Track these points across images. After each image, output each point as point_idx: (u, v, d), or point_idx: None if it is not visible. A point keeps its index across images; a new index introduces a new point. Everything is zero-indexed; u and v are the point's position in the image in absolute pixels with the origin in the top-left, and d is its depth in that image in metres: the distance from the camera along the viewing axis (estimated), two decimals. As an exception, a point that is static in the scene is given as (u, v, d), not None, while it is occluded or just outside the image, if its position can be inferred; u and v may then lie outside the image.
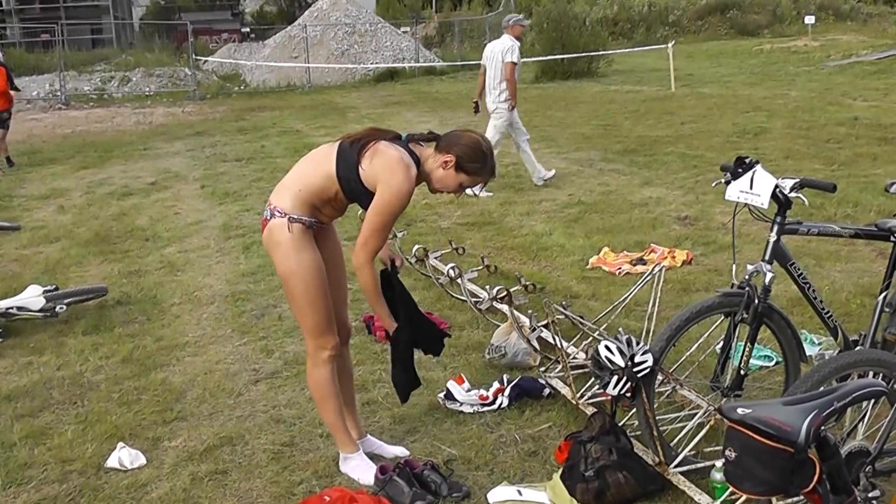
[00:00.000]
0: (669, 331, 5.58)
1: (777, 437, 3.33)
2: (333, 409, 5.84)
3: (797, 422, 3.33)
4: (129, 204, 15.23)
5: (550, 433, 6.31)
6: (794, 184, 5.56)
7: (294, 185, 5.52)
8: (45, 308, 8.89)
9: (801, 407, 3.40)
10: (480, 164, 5.47)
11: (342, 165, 5.38)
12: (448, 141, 5.49)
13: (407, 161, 5.34)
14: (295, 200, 5.46)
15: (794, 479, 3.38)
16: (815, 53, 37.48)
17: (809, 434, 3.31)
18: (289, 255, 5.47)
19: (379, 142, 5.41)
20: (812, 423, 3.33)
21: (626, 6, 57.79)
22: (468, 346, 7.99)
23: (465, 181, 5.51)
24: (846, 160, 15.50)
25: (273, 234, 5.50)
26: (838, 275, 9.47)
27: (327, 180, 5.43)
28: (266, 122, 27.06)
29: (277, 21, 73.98)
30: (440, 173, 5.47)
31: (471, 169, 5.45)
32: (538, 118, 24.25)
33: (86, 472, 6.07)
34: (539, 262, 10.64)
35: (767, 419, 3.35)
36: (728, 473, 3.55)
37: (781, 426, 3.33)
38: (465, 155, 5.42)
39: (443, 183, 5.52)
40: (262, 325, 8.84)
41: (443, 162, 5.44)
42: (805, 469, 3.38)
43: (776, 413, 3.38)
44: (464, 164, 5.42)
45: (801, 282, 5.88)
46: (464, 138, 5.49)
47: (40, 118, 30.67)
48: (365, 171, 5.32)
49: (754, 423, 3.37)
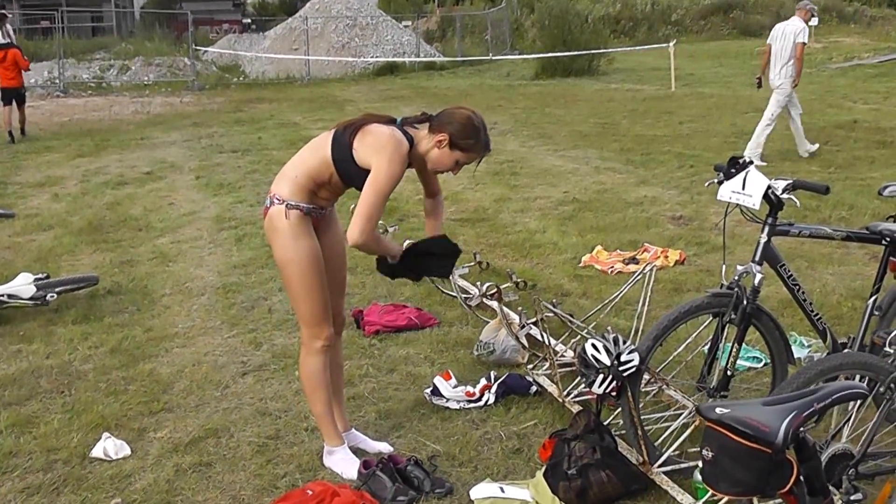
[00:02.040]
0: (657, 330, 5.57)
1: (755, 437, 3.31)
2: (322, 400, 5.84)
3: (776, 422, 3.31)
4: (123, 193, 15.20)
5: (536, 431, 6.30)
6: (786, 185, 5.56)
7: (291, 171, 5.59)
8: (35, 296, 8.86)
9: (780, 408, 3.38)
10: (474, 140, 5.50)
11: (336, 148, 5.43)
12: (440, 120, 5.52)
13: (398, 137, 5.39)
14: (292, 187, 5.51)
15: (771, 479, 3.36)
16: (818, 55, 37.39)
17: (788, 435, 3.30)
18: (286, 241, 5.51)
19: (371, 123, 5.47)
20: (791, 424, 3.31)
21: (628, 4, 57.62)
22: (457, 342, 7.99)
23: (461, 158, 5.54)
24: (843, 163, 15.51)
25: (272, 221, 5.55)
26: (830, 277, 9.47)
27: (323, 164, 5.48)
28: (264, 113, 27.03)
29: (279, 12, 73.76)
30: (435, 153, 5.52)
31: (465, 145, 5.49)
32: (536, 115, 24.29)
33: (70, 461, 6.06)
34: (532, 259, 10.63)
35: (745, 419, 3.34)
36: (704, 473, 3.53)
37: (759, 426, 3.31)
38: (458, 132, 5.45)
39: (439, 162, 5.55)
40: (252, 317, 8.83)
41: (437, 141, 5.48)
42: (782, 470, 3.37)
43: (755, 413, 3.36)
44: (457, 140, 5.46)
45: (790, 283, 5.87)
46: (456, 115, 5.52)
47: (38, 105, 30.56)
48: (358, 151, 5.37)
49: (732, 422, 3.36)
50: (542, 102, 27.44)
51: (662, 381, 6.06)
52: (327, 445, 5.94)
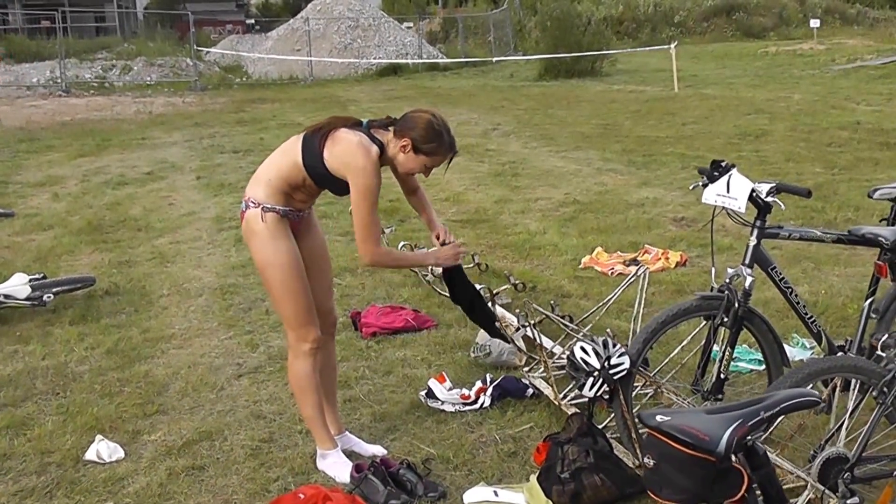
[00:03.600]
0: (645, 333, 5.57)
1: (694, 445, 3.29)
2: (312, 403, 5.83)
3: (717, 431, 3.28)
4: (123, 193, 15.18)
5: (531, 434, 6.27)
6: (770, 188, 5.54)
7: (265, 174, 5.60)
8: (31, 297, 8.84)
9: (724, 416, 3.35)
10: (437, 143, 5.51)
11: (307, 155, 5.44)
12: (402, 125, 5.53)
13: (366, 144, 5.41)
14: (267, 190, 5.52)
15: (717, 488, 3.33)
16: (821, 57, 37.38)
17: (731, 444, 3.27)
18: (265, 244, 5.51)
19: (339, 129, 5.48)
20: (735, 433, 3.28)
21: (631, 6, 57.64)
22: (454, 345, 7.95)
23: (427, 162, 5.56)
24: (847, 164, 15.44)
25: (249, 224, 5.56)
26: (836, 279, 9.42)
27: (294, 168, 5.49)
28: (266, 114, 27.00)
29: (283, 13, 73.85)
30: (401, 158, 5.53)
31: (428, 149, 5.50)
32: (539, 116, 24.25)
33: (64, 464, 6.04)
34: (531, 260, 10.59)
35: (684, 427, 3.31)
36: (647, 480, 3.52)
37: (699, 435, 3.28)
38: (420, 137, 5.46)
39: (406, 166, 5.57)
40: (249, 318, 8.81)
41: (401, 146, 5.49)
42: (730, 478, 3.34)
43: (695, 422, 3.34)
44: (420, 145, 5.47)
45: (782, 286, 5.86)
46: (416, 120, 5.52)
47: (40, 105, 30.59)
48: (329, 161, 5.40)
49: (671, 430, 3.34)
50: (545, 103, 27.40)
51: (655, 384, 6.04)
52: (320, 449, 5.92)
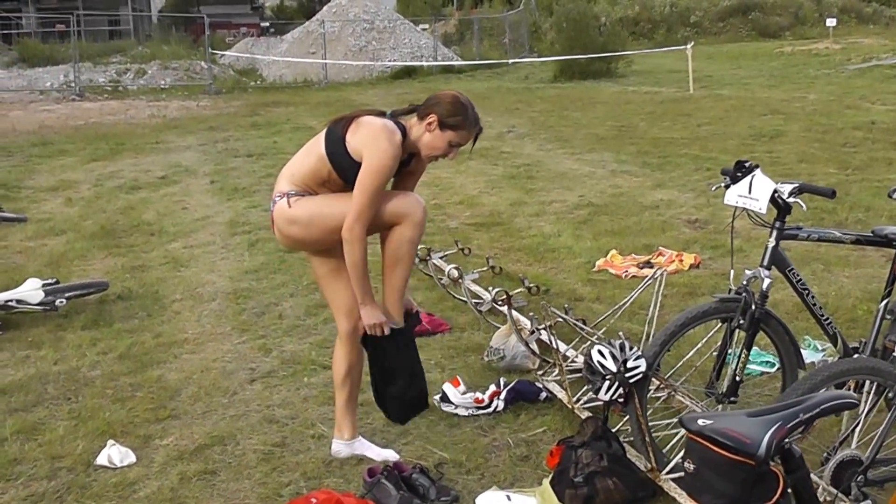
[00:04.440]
0: (664, 336, 5.52)
1: (736, 449, 3.25)
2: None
3: (758, 434, 3.25)
4: (137, 198, 15.18)
5: (545, 438, 6.24)
6: (792, 189, 5.49)
7: (288, 171, 5.67)
8: (44, 302, 8.83)
9: (763, 419, 3.32)
10: (462, 116, 5.50)
11: (330, 142, 5.48)
12: (426, 105, 5.56)
13: (391, 128, 5.43)
14: (291, 183, 5.59)
15: (756, 492, 3.30)
16: (836, 56, 37.27)
17: (771, 447, 3.23)
18: (307, 223, 5.56)
19: (363, 116, 5.50)
20: (774, 436, 3.25)
21: (647, 6, 57.59)
22: (468, 348, 7.93)
23: (453, 138, 5.52)
24: (861, 164, 15.37)
25: (282, 215, 5.60)
26: (846, 280, 9.37)
27: (318, 161, 5.51)
28: (280, 117, 26.99)
29: (297, 16, 73.98)
30: (427, 137, 5.52)
31: (453, 123, 5.49)
32: (554, 118, 24.21)
33: (75, 469, 6.02)
34: (545, 263, 10.56)
35: (726, 431, 3.28)
36: (687, 485, 3.49)
37: (741, 438, 3.25)
38: (445, 111, 5.47)
39: (432, 145, 5.54)
40: (262, 323, 8.78)
41: (427, 125, 5.49)
42: (767, 482, 3.30)
43: (736, 425, 3.31)
44: (445, 119, 5.47)
45: (799, 288, 5.81)
46: (441, 96, 5.57)
47: (53, 109, 30.64)
48: (350, 144, 5.41)
49: (713, 434, 3.30)
50: (560, 105, 27.35)
51: (670, 388, 6.00)
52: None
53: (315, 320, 8.71)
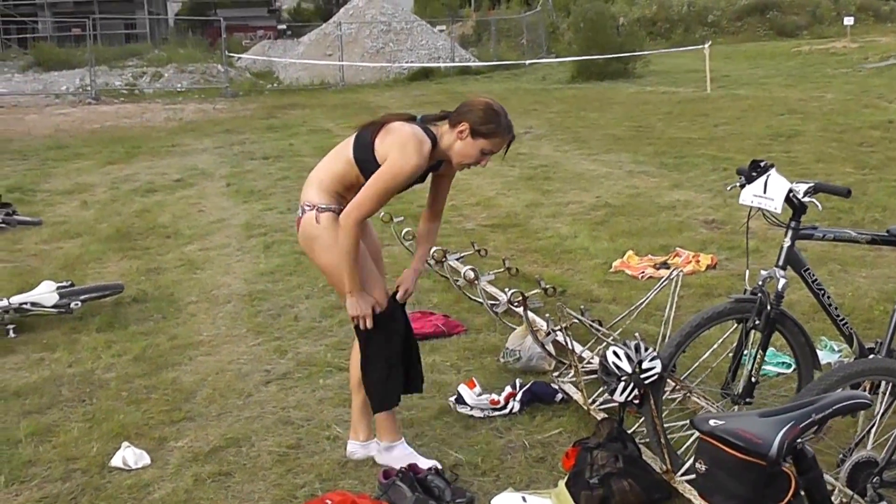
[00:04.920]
0: (679, 337, 5.50)
1: (747, 449, 3.22)
2: None
3: (770, 434, 3.22)
4: (152, 201, 15.20)
5: (560, 439, 6.22)
6: (807, 188, 5.46)
7: (316, 176, 5.63)
8: (58, 304, 8.85)
9: (775, 419, 3.29)
10: (495, 124, 5.43)
11: (358, 148, 5.45)
12: (458, 112, 5.48)
13: (420, 136, 5.38)
14: (320, 191, 5.54)
15: (768, 492, 3.27)
16: (854, 55, 37.11)
17: (782, 447, 3.20)
18: (328, 248, 5.51)
19: (394, 122, 5.46)
20: (786, 437, 3.22)
21: (665, 6, 57.45)
22: (483, 350, 7.91)
23: (485, 146, 5.46)
24: (878, 164, 15.30)
25: (306, 229, 5.57)
26: (863, 280, 9.32)
27: (346, 165, 5.50)
28: (296, 120, 27.02)
29: (314, 18, 73.96)
30: (459, 145, 5.45)
31: (486, 131, 5.42)
32: (571, 119, 24.19)
33: (89, 471, 6.02)
34: (562, 265, 10.53)
35: (738, 432, 3.25)
36: (699, 486, 3.46)
37: (752, 439, 3.22)
38: (478, 118, 5.40)
39: (464, 153, 5.48)
40: (278, 325, 8.78)
41: (458, 133, 5.43)
42: (779, 482, 3.27)
43: (748, 425, 3.28)
44: (478, 127, 5.40)
45: (815, 288, 5.77)
46: (473, 104, 5.50)
47: (68, 113, 30.76)
48: (379, 151, 5.37)
49: (724, 435, 3.27)
50: (577, 106, 27.33)
51: (686, 389, 5.97)
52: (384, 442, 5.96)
53: (330, 322, 8.70)
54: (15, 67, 46.05)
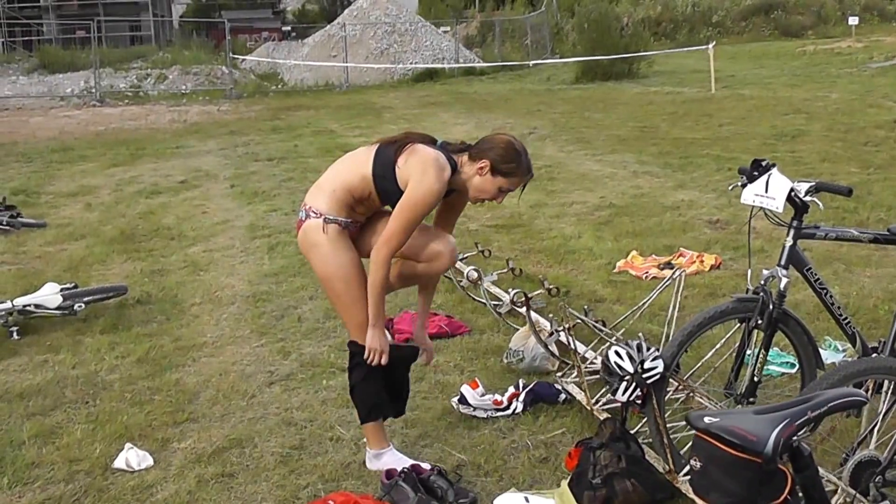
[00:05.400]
0: (681, 337, 5.49)
1: (743, 447, 3.21)
2: None
3: (765, 432, 3.20)
4: (157, 202, 15.21)
5: (564, 439, 6.21)
6: (809, 187, 5.45)
7: (329, 185, 5.55)
8: (62, 306, 8.85)
9: (771, 416, 3.27)
10: (516, 164, 5.43)
11: (378, 164, 5.41)
12: (480, 147, 5.47)
13: (442, 162, 5.35)
14: (330, 201, 5.49)
15: (764, 490, 3.25)
16: (859, 55, 37.08)
17: (778, 445, 3.18)
18: (327, 257, 5.49)
19: (417, 143, 5.44)
20: (781, 434, 3.20)
21: (669, 6, 57.45)
22: (487, 350, 7.90)
23: (504, 184, 5.46)
24: (883, 163, 15.28)
25: (308, 235, 5.53)
26: (868, 280, 9.30)
27: (363, 181, 5.45)
28: (301, 121, 27.03)
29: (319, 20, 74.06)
30: (477, 180, 5.45)
31: (506, 170, 5.41)
32: (576, 119, 24.17)
33: (92, 472, 6.02)
34: (566, 265, 10.52)
35: (733, 429, 3.23)
36: (694, 483, 3.44)
37: (747, 436, 3.20)
38: (500, 157, 5.39)
39: (481, 189, 5.48)
40: (282, 326, 8.78)
41: (478, 169, 5.42)
42: (775, 480, 3.25)
43: (743, 422, 3.26)
44: (498, 165, 5.39)
45: (817, 287, 5.76)
46: (496, 141, 5.49)
47: (73, 115, 30.81)
48: (400, 170, 5.34)
49: (720, 432, 3.25)
50: (582, 107, 27.31)
51: (689, 388, 5.96)
52: (373, 450, 5.90)
53: (334, 323, 8.69)
54: (20, 70, 46.20)
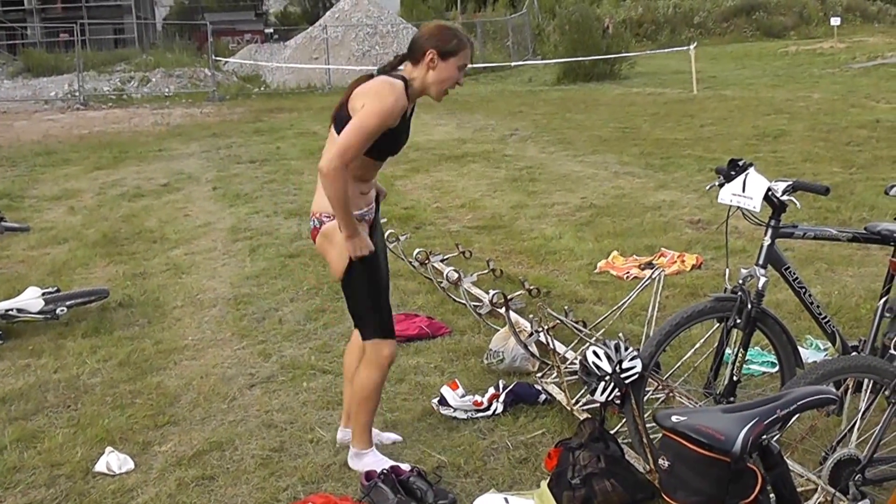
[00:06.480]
0: (659, 336, 5.51)
1: (710, 445, 3.22)
2: (371, 409, 5.86)
3: (733, 430, 3.21)
4: (139, 205, 15.18)
5: (544, 440, 6.21)
6: (786, 187, 5.48)
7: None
8: (44, 310, 8.83)
9: (739, 415, 3.28)
10: (457, 39, 5.47)
11: (338, 124, 5.37)
12: (415, 47, 5.48)
13: (390, 81, 5.36)
14: None
15: (732, 489, 3.26)
16: (841, 55, 37.23)
17: (747, 443, 3.19)
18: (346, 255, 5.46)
19: (358, 86, 5.44)
20: (750, 433, 3.21)
21: (651, 8, 57.55)
22: (468, 351, 7.90)
23: (458, 62, 5.47)
24: (865, 163, 15.34)
25: (328, 237, 5.53)
26: (850, 279, 9.34)
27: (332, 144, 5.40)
28: (283, 123, 27.02)
29: (301, 22, 73.94)
30: (432, 75, 5.45)
31: (452, 48, 5.43)
32: (557, 120, 24.20)
33: (73, 476, 6.01)
34: (547, 265, 10.54)
35: (700, 427, 3.24)
36: (662, 482, 3.45)
37: (714, 435, 3.21)
38: (440, 41, 5.43)
39: (441, 79, 5.48)
40: (263, 328, 8.77)
41: (427, 63, 5.43)
42: (745, 479, 3.26)
43: (711, 421, 3.27)
44: (444, 48, 5.42)
45: (796, 286, 5.79)
46: (427, 31, 5.52)
47: (57, 119, 30.75)
48: (353, 106, 5.32)
49: (687, 431, 3.27)
50: (563, 108, 27.34)
51: (668, 388, 5.98)
52: (357, 449, 5.90)
53: (315, 325, 8.70)
54: (4, 73, 46.10)
